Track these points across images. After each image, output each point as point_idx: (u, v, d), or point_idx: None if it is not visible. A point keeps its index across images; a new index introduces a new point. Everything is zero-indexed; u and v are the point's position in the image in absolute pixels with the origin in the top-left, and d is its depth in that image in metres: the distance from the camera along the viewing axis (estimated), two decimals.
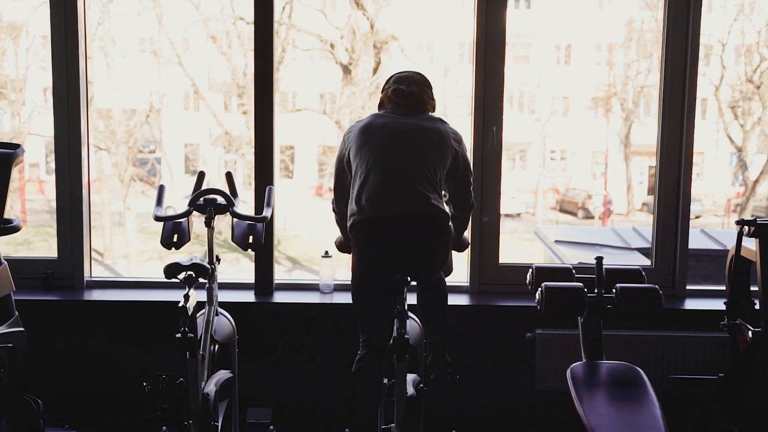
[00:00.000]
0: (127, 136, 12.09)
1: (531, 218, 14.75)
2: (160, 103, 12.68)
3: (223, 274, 3.26)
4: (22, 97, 11.63)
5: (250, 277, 3.90)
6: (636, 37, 13.52)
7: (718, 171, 14.39)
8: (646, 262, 5.63)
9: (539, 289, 2.98)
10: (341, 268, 4.24)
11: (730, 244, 3.37)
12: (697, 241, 3.95)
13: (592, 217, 14.85)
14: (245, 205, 3.92)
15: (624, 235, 7.27)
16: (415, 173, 2.87)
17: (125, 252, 12.20)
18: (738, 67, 12.38)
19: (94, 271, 3.99)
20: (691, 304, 3.75)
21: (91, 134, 3.92)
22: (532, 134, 14.47)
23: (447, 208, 2.94)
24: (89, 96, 3.99)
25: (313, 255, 12.68)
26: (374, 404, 3.00)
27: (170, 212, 3.07)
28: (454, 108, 12.61)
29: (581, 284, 2.99)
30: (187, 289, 2.69)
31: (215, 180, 12.30)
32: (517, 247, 12.16)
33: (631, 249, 6.64)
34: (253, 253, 3.70)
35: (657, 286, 2.95)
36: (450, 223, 2.93)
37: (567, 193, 15.66)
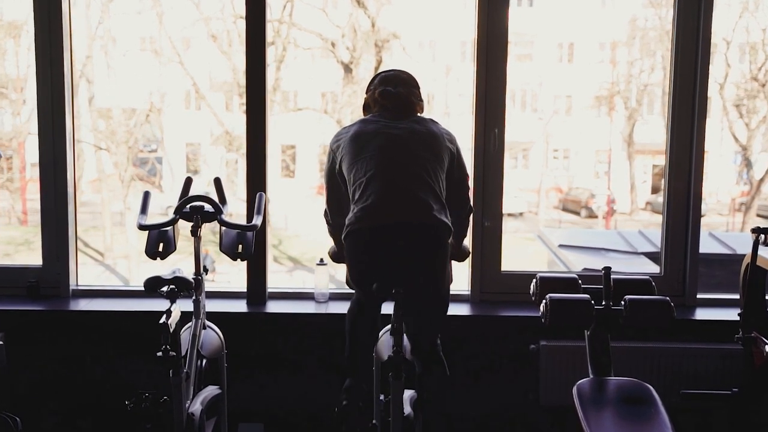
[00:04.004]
0: (127, 136, 12.05)
1: (533, 217, 14.68)
2: (160, 102, 12.67)
3: (222, 274, 3.15)
4: (22, 96, 11.56)
5: None
6: (639, 35, 13.45)
7: (722, 169, 14.31)
8: (653, 266, 5.49)
9: (544, 300, 2.83)
10: (342, 269, 4.11)
11: (740, 249, 3.23)
12: (704, 245, 3.80)
13: (596, 216, 14.81)
14: (242, 202, 3.78)
15: (630, 238, 7.13)
16: (416, 181, 2.72)
17: (125, 252, 12.13)
18: (742, 65, 12.33)
19: (94, 271, 3.87)
20: (702, 314, 3.59)
21: (91, 134, 3.79)
22: (535, 133, 14.40)
23: (449, 221, 2.78)
24: (90, 95, 3.85)
25: (314, 255, 12.61)
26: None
27: (170, 213, 2.94)
28: (456, 107, 12.54)
29: (588, 296, 2.83)
30: (169, 304, 2.55)
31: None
32: (520, 247, 12.03)
33: (638, 253, 6.50)
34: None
35: (668, 299, 2.79)
36: (451, 237, 2.78)
37: (570, 192, 15.62)
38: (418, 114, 2.96)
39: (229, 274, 10.77)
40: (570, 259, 6.48)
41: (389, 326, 2.82)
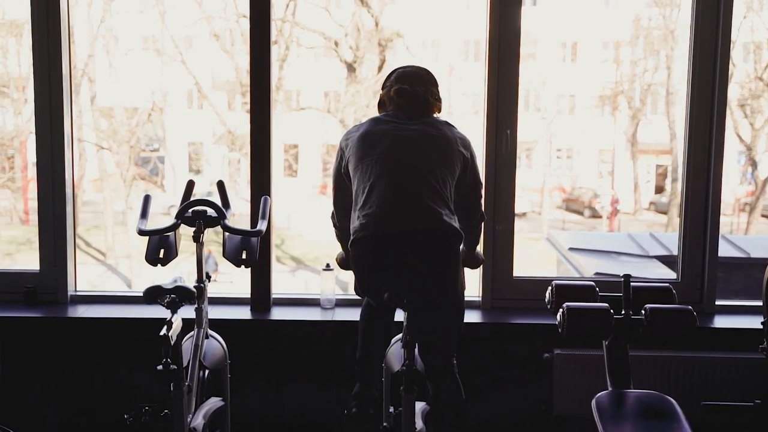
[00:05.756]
0: (129, 135, 12.01)
1: (537, 217, 14.61)
2: (162, 101, 12.66)
3: (227, 274, 3.04)
4: (24, 95, 11.51)
5: None
6: (643, 34, 13.38)
7: (726, 169, 14.24)
8: (666, 270, 5.37)
9: (561, 309, 2.71)
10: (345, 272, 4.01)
11: (754, 251, 3.10)
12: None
13: (599, 217, 14.74)
14: (245, 202, 3.68)
15: (641, 241, 7.00)
16: (424, 186, 2.60)
17: (127, 252, 12.07)
18: (747, 65, 12.22)
19: (95, 271, 3.76)
20: (721, 322, 3.48)
21: (93, 133, 3.67)
22: (538, 132, 14.33)
23: (459, 225, 2.66)
24: (92, 95, 3.73)
25: (317, 254, 12.57)
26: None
27: (173, 213, 2.83)
28: (459, 107, 12.46)
29: (607, 305, 2.72)
30: (170, 314, 2.44)
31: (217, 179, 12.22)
32: (524, 247, 11.94)
33: (650, 257, 6.37)
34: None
35: (690, 308, 2.69)
36: (462, 243, 2.66)
37: (573, 191, 15.57)
38: (435, 114, 2.84)
39: (231, 275, 10.69)
40: (581, 263, 6.36)
41: (400, 335, 2.72)
